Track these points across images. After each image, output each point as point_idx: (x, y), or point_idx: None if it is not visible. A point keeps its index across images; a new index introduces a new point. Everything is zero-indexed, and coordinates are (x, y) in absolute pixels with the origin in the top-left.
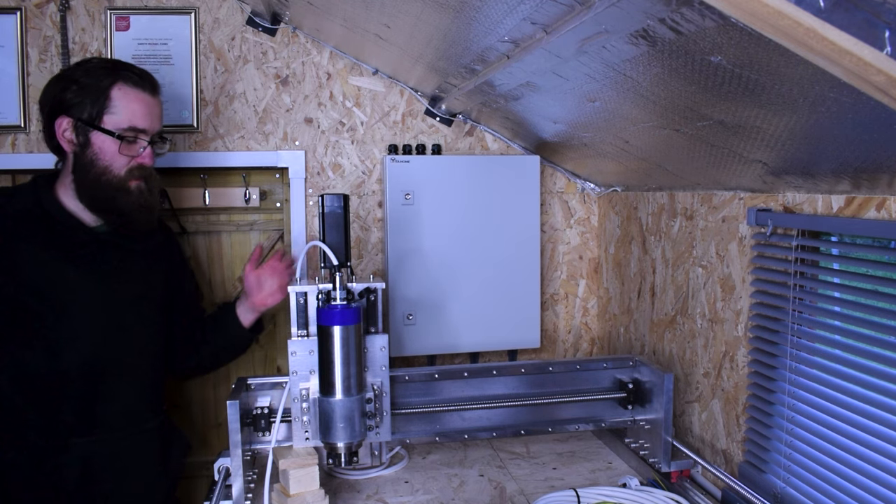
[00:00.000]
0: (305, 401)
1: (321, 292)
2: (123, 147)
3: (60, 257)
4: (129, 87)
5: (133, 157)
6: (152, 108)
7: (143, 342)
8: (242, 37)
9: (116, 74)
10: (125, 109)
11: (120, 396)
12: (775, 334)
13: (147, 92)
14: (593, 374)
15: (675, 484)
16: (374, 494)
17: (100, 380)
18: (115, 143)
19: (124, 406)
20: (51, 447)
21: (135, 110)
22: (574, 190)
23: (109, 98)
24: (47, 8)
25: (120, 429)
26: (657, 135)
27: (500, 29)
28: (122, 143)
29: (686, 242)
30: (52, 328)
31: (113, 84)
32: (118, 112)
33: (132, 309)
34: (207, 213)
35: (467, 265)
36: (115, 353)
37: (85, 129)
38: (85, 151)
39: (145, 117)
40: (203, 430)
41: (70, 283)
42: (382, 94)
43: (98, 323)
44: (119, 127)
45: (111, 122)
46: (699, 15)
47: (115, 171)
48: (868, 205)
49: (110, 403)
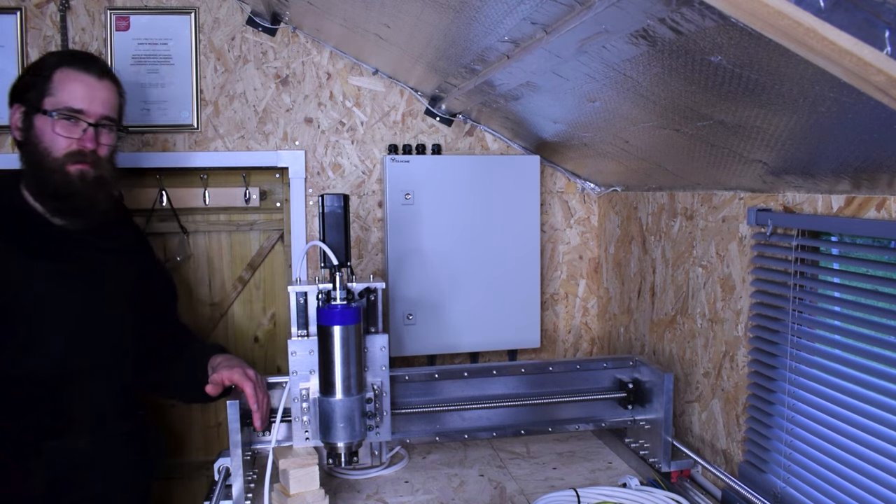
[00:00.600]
0: (305, 401)
1: (321, 292)
2: (59, 126)
3: (28, 255)
4: (71, 69)
5: (71, 138)
6: (95, 91)
7: (116, 342)
8: (242, 37)
9: (62, 59)
10: (63, 90)
11: (93, 398)
12: (775, 334)
13: (92, 75)
14: (593, 374)
15: (675, 484)
16: (374, 494)
17: (71, 381)
18: (50, 122)
19: (97, 408)
20: (22, 452)
21: (73, 90)
22: (574, 190)
23: (51, 80)
24: (47, 8)
25: (93, 432)
26: (657, 135)
27: (500, 29)
28: (57, 123)
29: (686, 242)
30: (21, 328)
31: (56, 68)
32: (56, 93)
33: (104, 308)
34: (207, 213)
35: (467, 265)
36: (86, 353)
37: (29, 115)
38: (28, 137)
39: (84, 99)
40: (203, 430)
41: (39, 281)
42: (382, 94)
43: (69, 322)
44: (55, 107)
45: (49, 104)
46: (699, 15)
47: (55, 153)
48: (868, 205)
49: (83, 405)
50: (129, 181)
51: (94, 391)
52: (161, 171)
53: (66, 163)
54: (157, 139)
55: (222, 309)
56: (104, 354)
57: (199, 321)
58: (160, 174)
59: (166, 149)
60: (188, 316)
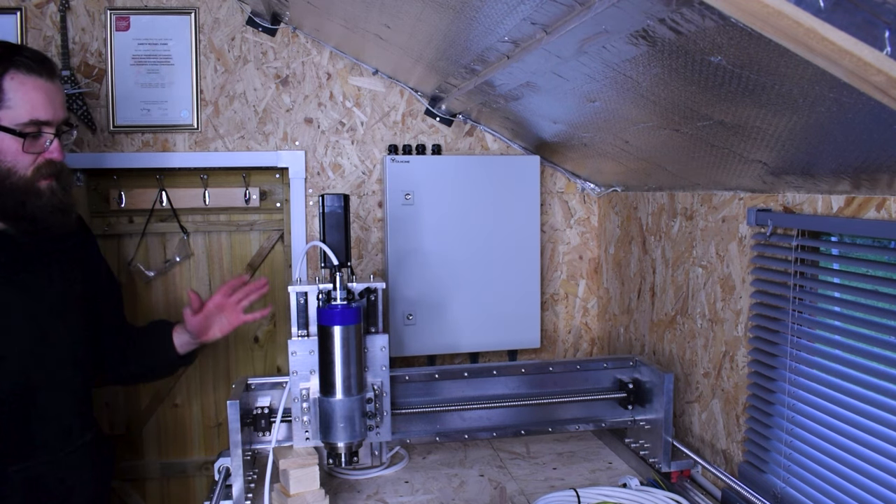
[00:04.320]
0: (305, 401)
1: (321, 292)
2: (27, 144)
3: None
4: (24, 74)
5: (39, 153)
6: (53, 96)
7: (73, 352)
8: (242, 37)
9: (8, 61)
10: (23, 101)
11: (56, 414)
12: (775, 334)
13: (44, 78)
14: (593, 374)
15: (675, 484)
16: (375, 494)
17: (32, 398)
18: (18, 141)
19: (61, 423)
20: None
21: (34, 100)
22: (574, 190)
23: (2, 90)
24: (47, 8)
25: (59, 448)
26: (657, 135)
27: (500, 29)
28: (26, 139)
29: (686, 242)
30: None
31: (4, 73)
32: (15, 105)
33: (56, 317)
34: (207, 213)
35: (467, 265)
36: (44, 367)
37: None
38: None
39: (47, 107)
40: (203, 430)
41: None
42: (382, 95)
43: (23, 336)
44: (18, 122)
45: (8, 118)
46: (699, 15)
47: (21, 171)
48: (868, 205)
49: (46, 422)
50: (129, 181)
51: (57, 406)
52: (161, 171)
53: (35, 179)
54: (157, 139)
55: None
56: (63, 366)
57: None
58: (160, 174)
59: (166, 149)
60: None
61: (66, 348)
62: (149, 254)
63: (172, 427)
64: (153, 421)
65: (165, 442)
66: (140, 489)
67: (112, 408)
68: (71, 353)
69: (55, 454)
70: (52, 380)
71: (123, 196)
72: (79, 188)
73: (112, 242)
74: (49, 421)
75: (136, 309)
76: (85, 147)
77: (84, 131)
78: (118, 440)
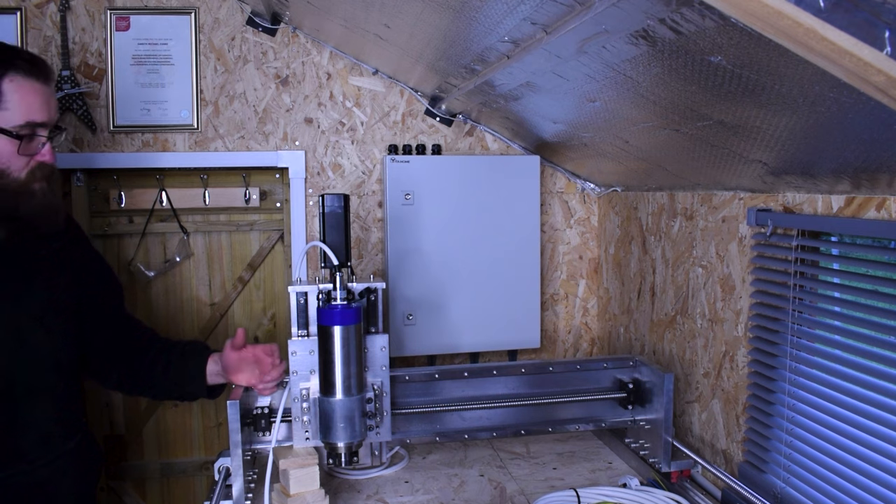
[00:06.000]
0: (305, 401)
1: (321, 292)
2: (23, 146)
3: None
4: (22, 77)
5: (32, 156)
6: (48, 99)
7: (56, 358)
8: (242, 37)
9: (7, 64)
10: (20, 104)
11: (37, 421)
12: (775, 334)
13: (41, 81)
14: (593, 374)
15: (675, 484)
16: (375, 494)
17: (12, 406)
18: (13, 143)
19: (42, 431)
20: None
21: (31, 103)
22: (574, 190)
23: (1, 93)
24: (47, 8)
25: (40, 456)
26: (657, 135)
27: (500, 29)
28: (22, 142)
29: (686, 242)
30: None
31: (3, 76)
32: (12, 107)
33: (38, 322)
34: (207, 213)
35: (467, 265)
36: (25, 373)
37: None
38: None
39: (42, 110)
40: (203, 430)
41: None
42: (382, 94)
43: (3, 342)
44: (14, 124)
45: (5, 120)
46: (699, 15)
47: (15, 173)
48: (868, 205)
49: (27, 430)
50: (129, 181)
51: (39, 413)
52: (161, 171)
53: (30, 182)
54: (157, 139)
55: (222, 309)
56: (45, 372)
57: (199, 321)
58: (160, 174)
59: (166, 149)
60: (188, 316)
61: (50, 355)
62: (149, 254)
63: (172, 427)
64: (153, 421)
65: (165, 442)
66: (140, 489)
67: (112, 408)
68: (53, 359)
69: (33, 463)
70: (34, 387)
71: (123, 196)
72: (79, 188)
73: (112, 242)
74: (30, 429)
75: (137, 309)
76: (85, 147)
77: (84, 131)
78: (118, 440)
